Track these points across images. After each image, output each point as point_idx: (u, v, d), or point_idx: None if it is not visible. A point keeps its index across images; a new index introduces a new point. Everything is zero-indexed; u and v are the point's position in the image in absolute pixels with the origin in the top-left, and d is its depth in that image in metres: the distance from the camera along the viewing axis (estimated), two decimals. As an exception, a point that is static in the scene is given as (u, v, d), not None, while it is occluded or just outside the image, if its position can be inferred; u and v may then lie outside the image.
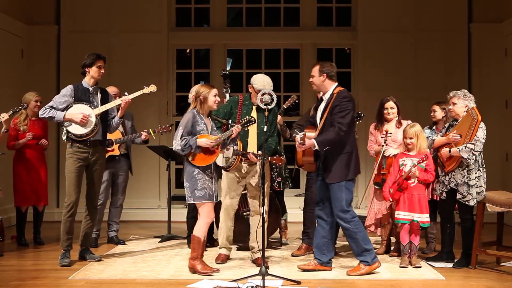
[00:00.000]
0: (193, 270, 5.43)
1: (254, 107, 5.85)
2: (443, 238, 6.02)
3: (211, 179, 5.45)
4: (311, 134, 5.49)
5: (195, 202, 5.43)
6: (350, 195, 5.40)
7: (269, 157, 5.85)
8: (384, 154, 6.18)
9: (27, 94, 6.92)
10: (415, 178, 5.72)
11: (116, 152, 6.81)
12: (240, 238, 6.26)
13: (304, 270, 5.51)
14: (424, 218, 5.73)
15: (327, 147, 5.33)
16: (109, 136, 6.56)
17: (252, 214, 5.91)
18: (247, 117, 5.63)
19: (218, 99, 5.58)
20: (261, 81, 5.79)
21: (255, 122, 5.64)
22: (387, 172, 6.08)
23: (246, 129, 5.67)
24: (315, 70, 5.52)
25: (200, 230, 5.44)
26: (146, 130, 6.79)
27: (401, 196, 5.77)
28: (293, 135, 6.17)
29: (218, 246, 6.00)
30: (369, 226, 6.32)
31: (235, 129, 5.51)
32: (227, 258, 5.94)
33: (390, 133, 6.17)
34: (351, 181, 5.40)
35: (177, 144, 5.40)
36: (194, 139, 5.37)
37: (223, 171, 5.88)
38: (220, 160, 5.76)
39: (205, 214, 5.44)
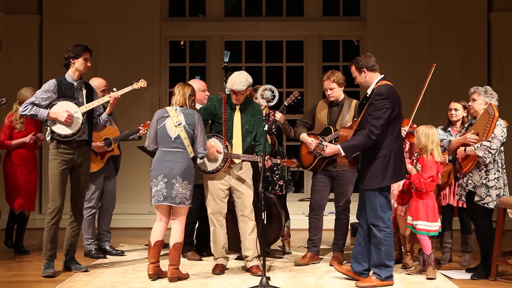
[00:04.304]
0: (177, 278, 5.52)
1: (237, 107, 5.89)
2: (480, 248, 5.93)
3: None
4: (345, 133, 5.49)
5: (189, 206, 5.61)
6: (386, 202, 5.38)
7: (279, 160, 5.90)
8: None
9: (23, 90, 6.89)
10: (411, 173, 5.74)
11: (116, 152, 6.78)
12: (240, 246, 6.27)
13: (344, 273, 5.66)
14: (432, 226, 5.74)
15: (356, 153, 5.32)
16: (106, 134, 6.58)
17: (241, 219, 5.93)
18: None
19: None
20: (231, 79, 5.80)
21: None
22: None
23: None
24: (353, 70, 5.48)
25: (183, 235, 5.63)
26: (143, 125, 6.81)
27: (406, 199, 5.85)
28: (301, 134, 6.20)
29: (213, 257, 6.02)
30: None
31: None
32: (224, 269, 5.95)
33: None
34: (387, 187, 5.40)
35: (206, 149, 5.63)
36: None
37: (204, 174, 5.92)
38: (202, 162, 5.82)
39: (185, 218, 5.65)
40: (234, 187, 5.89)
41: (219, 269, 5.89)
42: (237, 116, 5.87)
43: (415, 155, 5.82)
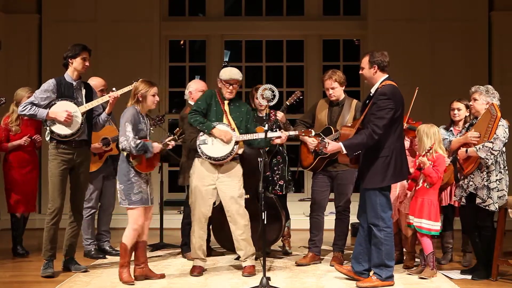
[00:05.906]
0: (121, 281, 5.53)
1: (226, 102, 5.91)
2: (475, 251, 5.97)
3: (146, 182, 5.58)
4: (347, 132, 5.50)
5: (129, 207, 5.49)
6: (386, 201, 5.40)
7: (296, 132, 5.92)
8: None
9: (19, 90, 6.88)
10: (424, 166, 5.78)
11: (115, 152, 6.77)
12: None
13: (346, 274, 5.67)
14: (434, 226, 5.76)
15: (357, 152, 5.34)
16: (104, 134, 6.60)
17: (229, 220, 5.90)
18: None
19: (157, 98, 5.72)
20: (227, 71, 5.85)
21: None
22: None
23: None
24: (365, 61, 5.49)
25: (128, 238, 5.52)
26: None
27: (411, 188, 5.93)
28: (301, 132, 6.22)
29: (191, 257, 6.02)
30: None
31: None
32: (202, 270, 5.90)
33: None
34: (387, 187, 5.42)
35: (127, 141, 5.40)
36: (150, 144, 5.51)
37: (191, 173, 5.90)
38: (210, 150, 5.79)
39: (133, 220, 5.52)
40: (219, 186, 5.84)
41: (197, 271, 5.83)
42: (226, 110, 5.88)
43: (427, 154, 5.81)
